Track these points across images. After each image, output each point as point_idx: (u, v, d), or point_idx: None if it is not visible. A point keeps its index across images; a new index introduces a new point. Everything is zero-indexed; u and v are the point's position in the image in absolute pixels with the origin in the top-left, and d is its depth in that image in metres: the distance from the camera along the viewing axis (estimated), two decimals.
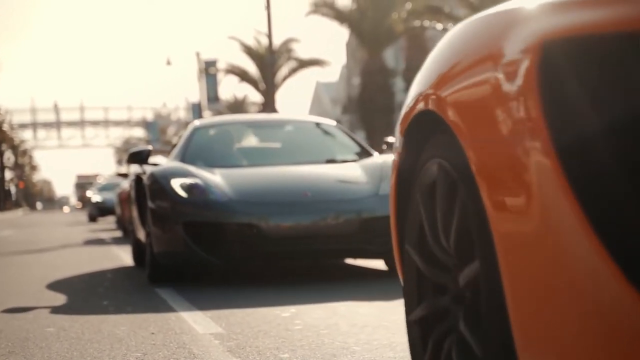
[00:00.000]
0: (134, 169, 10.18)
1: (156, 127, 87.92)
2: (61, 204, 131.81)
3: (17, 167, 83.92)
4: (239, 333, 4.80)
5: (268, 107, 34.43)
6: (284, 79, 47.67)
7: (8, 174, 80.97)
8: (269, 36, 29.06)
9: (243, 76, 49.00)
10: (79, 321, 5.55)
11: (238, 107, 75.84)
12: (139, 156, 8.54)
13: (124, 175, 17.94)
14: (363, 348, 4.20)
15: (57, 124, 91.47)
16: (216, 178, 7.66)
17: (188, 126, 9.39)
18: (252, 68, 48.83)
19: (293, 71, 47.95)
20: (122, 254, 11.90)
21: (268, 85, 36.01)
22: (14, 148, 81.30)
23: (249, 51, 48.50)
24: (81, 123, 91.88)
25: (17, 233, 23.43)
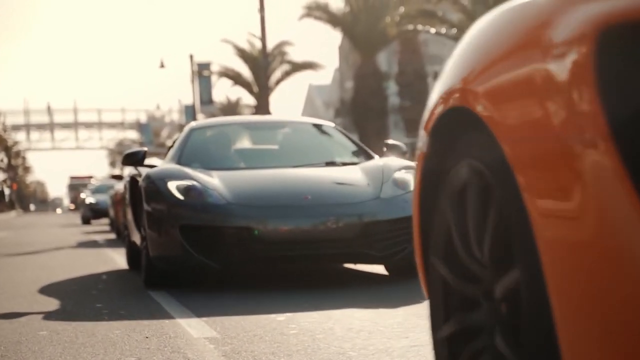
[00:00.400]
0: (129, 171, 10.05)
1: (149, 130, 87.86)
2: (54, 206, 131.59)
3: (11, 169, 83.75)
4: (234, 337, 4.78)
5: (261, 110, 34.39)
6: (278, 82, 47.67)
7: (1, 176, 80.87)
8: (263, 39, 29.03)
9: (236, 79, 48.99)
10: (73, 324, 5.52)
11: (231, 110, 75.82)
12: (134, 157, 8.43)
13: (118, 177, 17.83)
14: (359, 353, 4.17)
15: (51, 126, 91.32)
16: (214, 180, 7.51)
17: (184, 127, 9.32)
18: (246, 71, 48.86)
19: (286, 74, 47.95)
20: (116, 257, 11.86)
21: (261, 88, 36.01)
22: (7, 149, 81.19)
23: (243, 54, 48.48)
24: (74, 125, 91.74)
25: (11, 235, 23.36)
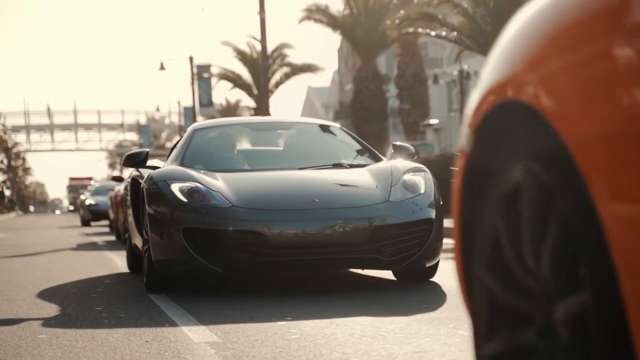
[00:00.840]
0: (130, 172, 9.93)
1: (149, 131, 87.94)
2: (54, 207, 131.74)
3: (10, 170, 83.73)
4: (235, 342, 4.74)
5: (261, 113, 34.37)
6: (277, 85, 47.66)
7: (1, 177, 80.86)
8: (263, 42, 28.98)
9: (236, 81, 48.99)
10: (72, 328, 5.49)
11: (231, 112, 75.95)
12: (136, 159, 8.24)
13: (119, 178, 17.73)
14: (362, 359, 4.14)
15: (50, 127, 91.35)
16: (218, 182, 7.29)
17: (186, 128, 9.25)
18: (245, 73, 48.84)
19: (286, 77, 47.95)
20: (116, 259, 11.82)
21: (261, 90, 35.96)
22: (7, 151, 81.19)
23: (242, 56, 48.48)
24: (74, 126, 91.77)
25: (9, 236, 23.33)
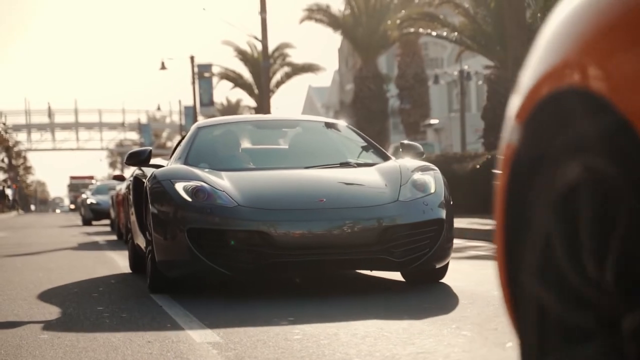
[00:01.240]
0: (132, 171, 9.80)
1: (150, 131, 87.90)
2: (55, 206, 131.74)
3: (11, 169, 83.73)
4: (237, 342, 4.72)
5: (262, 112, 34.34)
6: (278, 84, 47.64)
7: (1, 176, 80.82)
8: (264, 41, 28.97)
9: (237, 81, 48.95)
10: (74, 328, 5.47)
11: (232, 112, 75.95)
12: (139, 157, 8.11)
13: (120, 177, 17.68)
14: (364, 359, 4.13)
15: (51, 126, 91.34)
16: (223, 181, 7.13)
17: (186, 127, 9.21)
18: (246, 73, 48.80)
19: (287, 76, 47.93)
20: (117, 258, 11.80)
21: (262, 90, 35.93)
22: (8, 150, 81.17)
23: (243, 56, 48.45)
24: (75, 125, 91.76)
25: (10, 235, 23.30)
